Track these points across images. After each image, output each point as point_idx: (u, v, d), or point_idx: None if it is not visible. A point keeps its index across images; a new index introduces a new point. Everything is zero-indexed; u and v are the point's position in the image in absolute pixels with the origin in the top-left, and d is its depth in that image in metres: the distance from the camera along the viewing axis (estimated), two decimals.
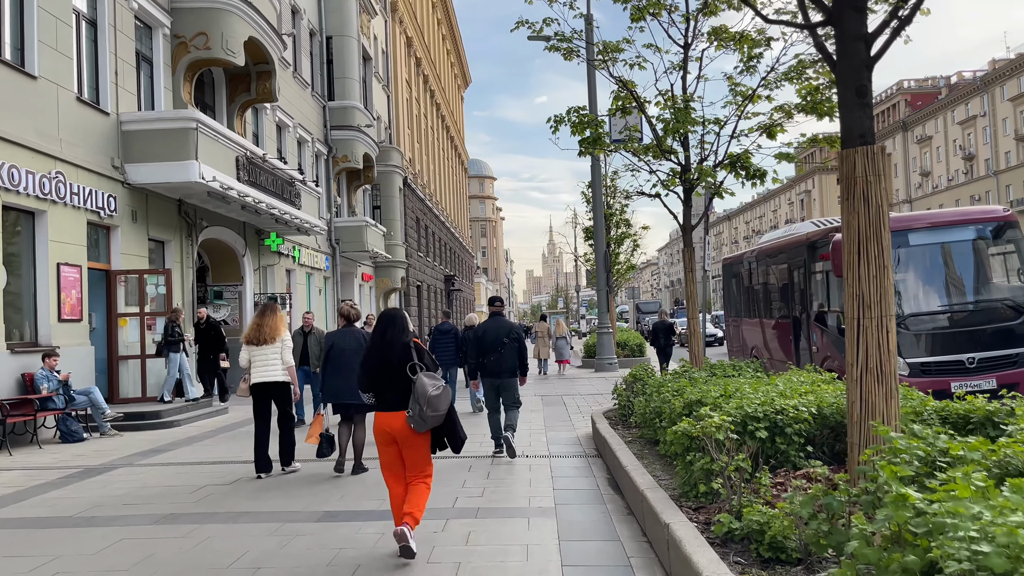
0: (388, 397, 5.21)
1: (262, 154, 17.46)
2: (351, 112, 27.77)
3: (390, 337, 5.34)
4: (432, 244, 47.04)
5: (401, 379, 5.15)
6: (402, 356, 5.22)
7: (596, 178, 22.10)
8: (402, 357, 5.21)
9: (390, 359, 5.24)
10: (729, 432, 4.76)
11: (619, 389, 9.70)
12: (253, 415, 8.14)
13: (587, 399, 14.63)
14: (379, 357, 5.30)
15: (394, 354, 5.25)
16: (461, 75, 72.01)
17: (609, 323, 22.65)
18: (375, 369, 5.29)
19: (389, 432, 5.17)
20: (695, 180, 9.40)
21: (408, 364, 5.15)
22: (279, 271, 21.76)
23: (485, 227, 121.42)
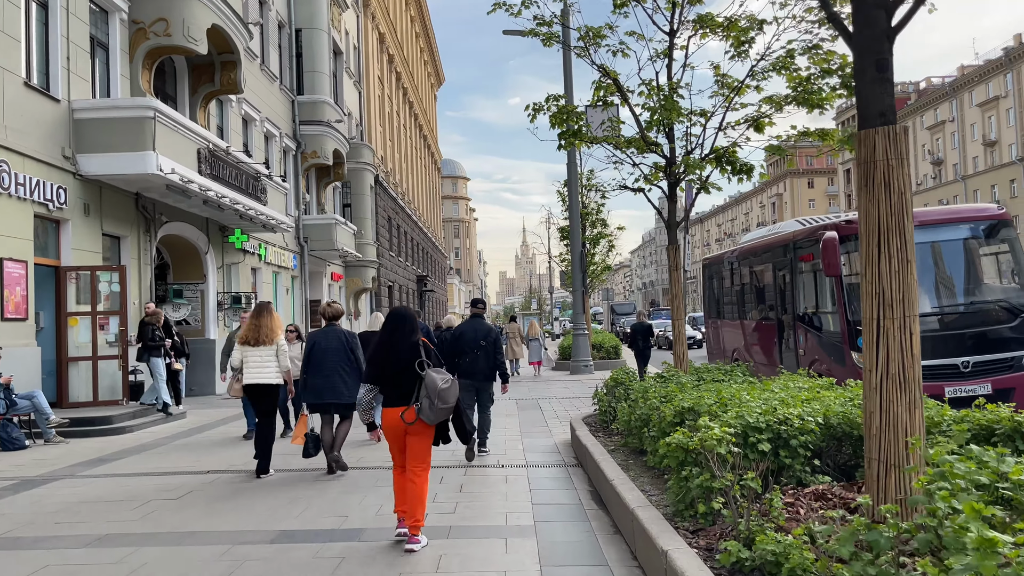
0: (395, 392, 5.40)
1: (225, 147, 16.73)
2: (321, 107, 27.04)
3: (400, 335, 5.52)
4: (404, 244, 46.31)
5: (409, 375, 5.35)
6: (411, 353, 5.40)
7: (572, 175, 21.62)
8: (411, 354, 5.39)
9: (399, 356, 5.42)
10: (731, 446, 4.25)
11: (599, 394, 9.20)
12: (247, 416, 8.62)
13: (564, 403, 14.12)
14: (388, 353, 5.47)
15: (403, 351, 5.43)
16: (434, 73, 71.29)
17: (585, 324, 22.18)
18: (383, 365, 5.46)
19: (399, 425, 5.34)
20: (681, 174, 8.92)
21: (416, 361, 5.35)
22: (244, 269, 20.99)
23: (458, 228, 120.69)
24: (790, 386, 6.19)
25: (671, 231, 9.05)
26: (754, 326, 12.69)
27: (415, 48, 57.69)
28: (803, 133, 8.87)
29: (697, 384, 7.30)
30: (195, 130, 15.25)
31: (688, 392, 6.48)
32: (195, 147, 15.24)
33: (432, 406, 5.22)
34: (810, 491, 4.41)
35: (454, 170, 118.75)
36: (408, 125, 52.36)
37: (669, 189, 9.03)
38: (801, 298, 10.45)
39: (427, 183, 63.45)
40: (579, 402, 14.04)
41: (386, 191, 39.56)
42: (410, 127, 53.32)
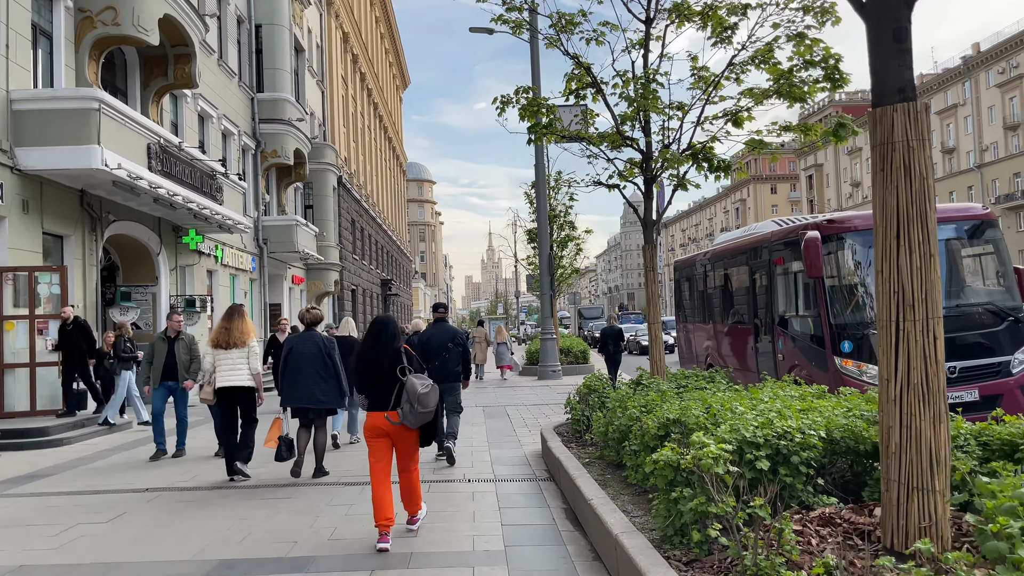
0: (380, 397, 5.57)
1: (178, 142, 15.93)
2: (281, 105, 26.24)
3: (382, 342, 5.70)
4: (368, 247, 45.47)
5: (392, 381, 5.55)
6: (393, 360, 5.60)
7: (540, 176, 21.12)
8: (393, 361, 5.59)
9: (382, 363, 5.61)
10: (730, 465, 3.75)
11: (572, 402, 8.68)
12: (214, 419, 8.33)
13: (532, 410, 13.59)
14: (371, 361, 5.65)
15: (385, 358, 5.62)
16: (400, 75, 70.49)
17: (553, 328, 21.68)
18: (368, 372, 5.64)
19: (382, 428, 5.53)
20: (658, 169, 8.45)
21: (398, 367, 5.55)
22: (199, 272, 20.15)
23: (424, 231, 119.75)
24: (780, 394, 5.72)
25: (647, 230, 8.57)
26: (729, 330, 12.29)
27: (380, 49, 56.89)
28: (785, 128, 8.46)
29: (679, 392, 6.81)
30: (145, 124, 14.46)
31: (671, 401, 5.99)
32: (145, 142, 14.45)
33: (413, 410, 5.42)
34: (816, 515, 3.92)
35: (420, 173, 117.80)
36: (373, 127, 51.54)
37: (645, 186, 8.56)
38: (780, 301, 10.06)
39: (392, 186, 62.61)
40: (548, 409, 13.52)
41: (349, 193, 38.76)
42: (375, 129, 52.50)
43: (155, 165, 14.69)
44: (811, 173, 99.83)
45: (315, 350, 7.92)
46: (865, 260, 8.71)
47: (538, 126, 9.51)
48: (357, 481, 7.69)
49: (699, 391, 6.49)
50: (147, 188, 14.16)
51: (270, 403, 10.57)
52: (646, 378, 9.17)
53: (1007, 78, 62.46)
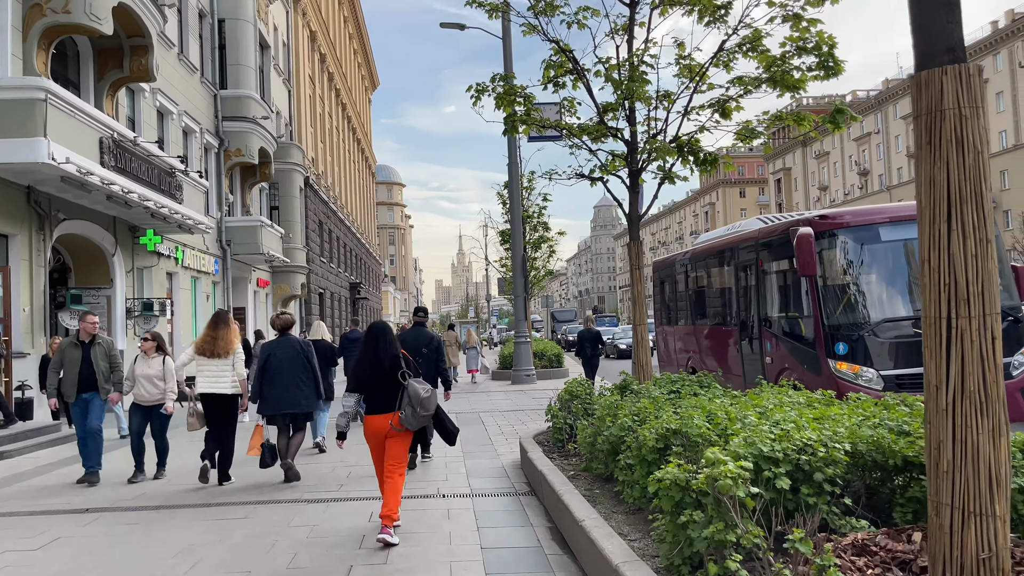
0: (379, 400, 5.78)
1: (133, 137, 15.12)
2: (246, 102, 25.42)
3: (382, 347, 5.88)
4: (337, 249, 44.58)
5: (391, 384, 5.75)
6: (393, 364, 5.78)
7: (513, 173, 20.59)
8: (393, 365, 5.78)
9: (382, 367, 5.79)
10: (750, 486, 3.23)
11: (553, 409, 8.14)
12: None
13: (508, 416, 13.03)
14: (372, 365, 5.81)
15: (386, 362, 5.80)
16: (369, 76, 69.60)
17: (526, 331, 21.15)
18: (368, 375, 5.81)
19: (381, 430, 5.75)
20: (646, 160, 7.95)
21: (399, 372, 5.73)
22: (158, 274, 19.29)
23: (393, 234, 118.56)
24: (785, 401, 5.23)
25: (632, 225, 8.06)
26: (712, 332, 11.84)
27: (348, 49, 56.04)
28: (776, 117, 8.02)
29: (671, 398, 6.29)
30: (96, 117, 13.66)
31: (665, 409, 5.47)
32: (97, 136, 13.65)
33: (415, 413, 5.61)
34: (849, 542, 3.40)
35: (389, 176, 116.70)
36: (341, 127, 50.68)
37: (630, 179, 8.06)
38: (768, 301, 9.61)
39: (361, 188, 61.71)
40: (525, 416, 12.97)
41: (317, 194, 37.90)
42: (343, 129, 51.63)
43: (108, 160, 13.90)
44: (779, 177, 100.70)
45: (293, 354, 7.93)
46: (859, 258, 8.30)
47: (514, 116, 8.96)
48: (322, 498, 7.07)
49: (694, 398, 5.97)
50: (99, 185, 13.36)
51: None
52: (631, 382, 8.68)
53: None
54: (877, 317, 8.07)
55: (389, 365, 5.78)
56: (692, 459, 4.09)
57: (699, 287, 12.54)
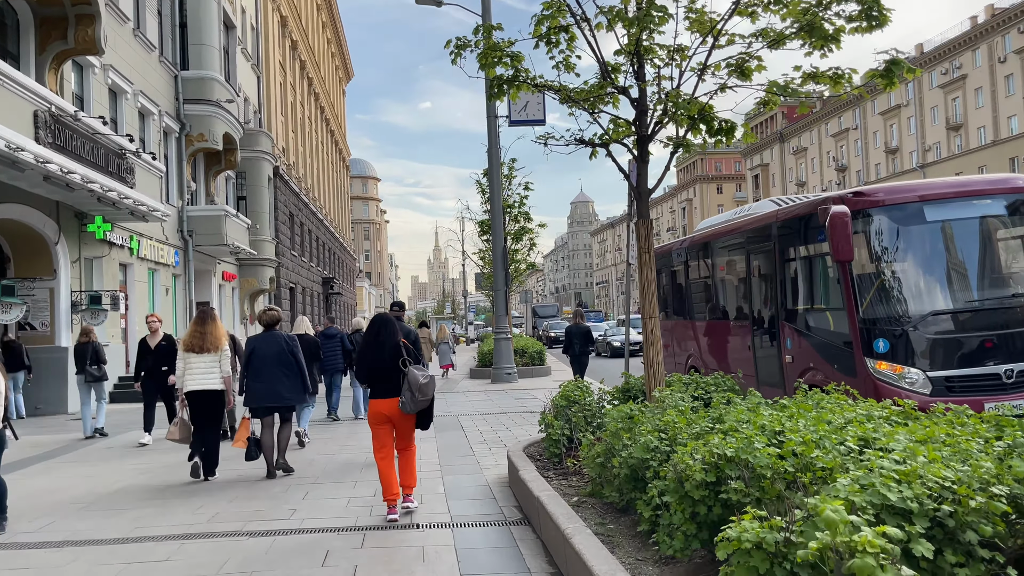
0: (382, 387, 6.14)
1: (73, 111, 13.68)
2: (209, 84, 23.94)
3: (383, 337, 6.26)
4: (309, 243, 43.07)
5: (393, 372, 6.11)
6: (394, 353, 6.15)
7: (494, 156, 19.34)
8: (394, 354, 6.14)
9: (383, 356, 6.16)
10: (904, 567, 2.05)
11: (548, 418, 6.95)
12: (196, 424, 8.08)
13: (490, 421, 11.83)
14: (374, 354, 6.20)
15: (387, 352, 6.16)
16: (343, 67, 67.91)
17: (507, 327, 19.95)
18: (371, 364, 6.19)
19: (385, 415, 6.12)
20: (655, 125, 6.76)
21: (399, 359, 6.10)
22: (110, 264, 17.84)
23: (369, 229, 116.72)
24: (858, 414, 4.06)
25: (641, 201, 6.87)
26: (717, 328, 10.71)
27: (322, 38, 54.41)
28: (810, 75, 6.86)
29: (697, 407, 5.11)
30: (30, 87, 12.25)
31: (698, 423, 4.29)
32: (30, 108, 12.25)
33: (414, 398, 5.96)
34: None
35: (364, 170, 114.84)
36: (314, 117, 49.08)
37: (638, 146, 6.86)
38: (789, 292, 8.48)
39: (335, 181, 60.10)
40: (509, 420, 11.77)
41: (288, 185, 36.40)
42: (316, 119, 50.03)
43: (44, 137, 12.49)
44: (757, 173, 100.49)
45: (278, 349, 8.07)
46: (903, 240, 7.18)
47: (500, 79, 7.71)
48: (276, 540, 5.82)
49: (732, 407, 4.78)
50: (32, 163, 11.95)
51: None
52: (635, 386, 7.51)
53: (950, 79, 63.12)
54: (924, 309, 6.95)
55: (390, 354, 6.15)
56: (772, 506, 2.92)
57: (701, 278, 11.39)
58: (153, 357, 10.54)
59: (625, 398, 7.43)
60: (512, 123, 19.87)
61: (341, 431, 11.53)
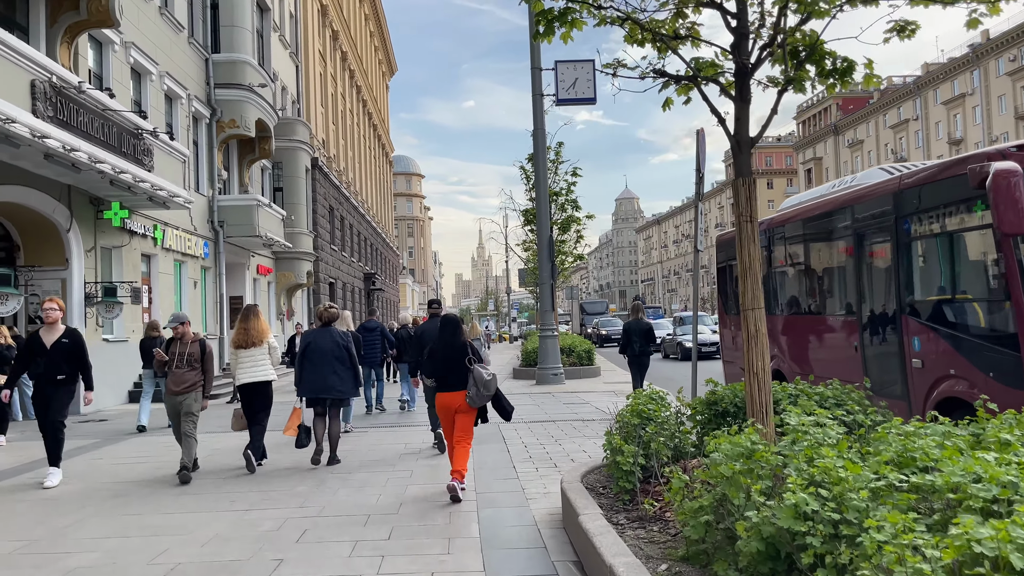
0: (450, 380, 6.81)
1: (77, 82, 12.47)
2: (241, 68, 22.79)
3: (452, 337, 7.02)
4: (350, 238, 41.98)
5: (460, 368, 6.78)
6: (461, 351, 6.87)
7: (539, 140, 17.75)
8: (461, 352, 6.86)
9: (452, 353, 6.86)
10: None
11: (615, 440, 5.34)
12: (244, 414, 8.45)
13: (536, 430, 10.26)
14: (444, 352, 6.93)
15: (455, 350, 6.88)
16: (386, 61, 66.90)
17: (553, 324, 18.34)
18: (442, 360, 6.90)
19: (450, 406, 6.81)
20: (763, 53, 5.09)
21: (466, 357, 6.80)
22: (130, 255, 16.70)
23: (412, 226, 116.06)
24: None
25: (742, 153, 5.18)
26: (808, 323, 8.94)
27: (364, 31, 53.38)
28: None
29: (854, 439, 3.46)
30: (24, 53, 11.04)
31: (882, 473, 2.65)
32: (27, 77, 11.05)
33: (479, 393, 6.66)
34: None
35: (408, 166, 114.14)
36: (356, 111, 48.02)
37: (737, 79, 5.19)
38: (916, 278, 6.73)
39: (377, 176, 59.09)
40: (557, 430, 10.19)
41: (327, 178, 35.28)
42: (358, 113, 48.97)
43: (43, 109, 11.29)
44: (810, 167, 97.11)
45: (332, 344, 8.51)
46: None
47: (548, 13, 6.07)
48: None
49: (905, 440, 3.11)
50: (27, 137, 10.72)
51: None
52: (726, 399, 5.85)
53: (1018, 66, 59.57)
54: None
55: (459, 351, 6.80)
56: None
57: (787, 264, 9.61)
58: (47, 359, 7.70)
59: (712, 414, 5.79)
60: (559, 102, 18.24)
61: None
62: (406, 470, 7.99)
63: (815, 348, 8.74)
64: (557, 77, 18.02)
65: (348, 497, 6.78)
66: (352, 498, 6.74)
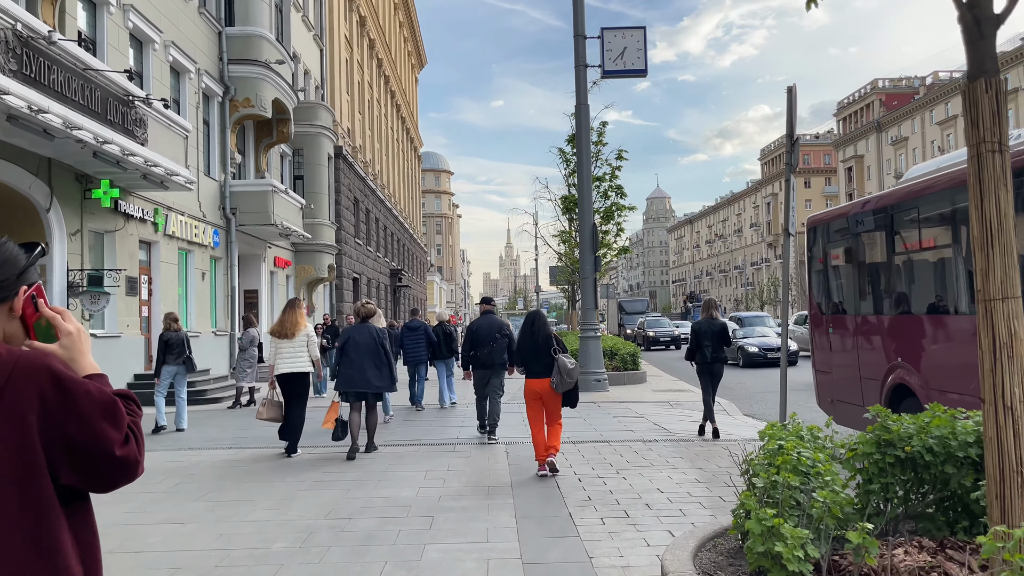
0: (536, 369, 7.57)
1: (47, 31, 10.66)
2: (256, 42, 21.04)
3: (537, 328, 7.77)
4: (375, 232, 40.24)
5: (545, 357, 7.49)
6: (545, 342, 7.56)
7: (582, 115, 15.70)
8: (545, 343, 7.55)
9: (537, 344, 7.61)
10: None
11: (749, 503, 3.33)
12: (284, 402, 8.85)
13: (588, 456, 8.24)
14: (530, 342, 7.68)
15: (540, 340, 7.60)
16: (416, 53, 65.15)
17: (595, 322, 16.33)
18: (528, 350, 7.67)
19: (537, 392, 7.52)
20: None
21: (551, 348, 7.47)
22: (125, 241, 14.95)
23: (441, 223, 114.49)
24: None
25: (981, 43, 3.17)
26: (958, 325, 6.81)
27: (393, 20, 51.66)
28: None
29: None
30: None
31: None
32: None
33: (562, 380, 7.32)
34: None
35: (437, 163, 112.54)
36: (384, 102, 46.29)
37: None
38: None
39: (406, 170, 57.37)
40: (615, 456, 8.16)
41: (352, 168, 33.54)
42: (386, 104, 47.24)
43: (6, 63, 9.50)
44: (850, 165, 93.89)
45: (369, 340, 8.84)
46: None
47: None
48: None
49: None
50: None
51: None
52: (901, 435, 3.81)
53: None
54: None
55: (543, 343, 7.57)
56: None
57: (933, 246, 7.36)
58: None
59: (887, 463, 3.74)
60: (606, 73, 16.22)
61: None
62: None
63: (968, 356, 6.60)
64: (603, 46, 16.00)
65: None
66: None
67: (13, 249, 1.67)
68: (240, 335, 16.02)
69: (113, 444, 1.52)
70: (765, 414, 12.73)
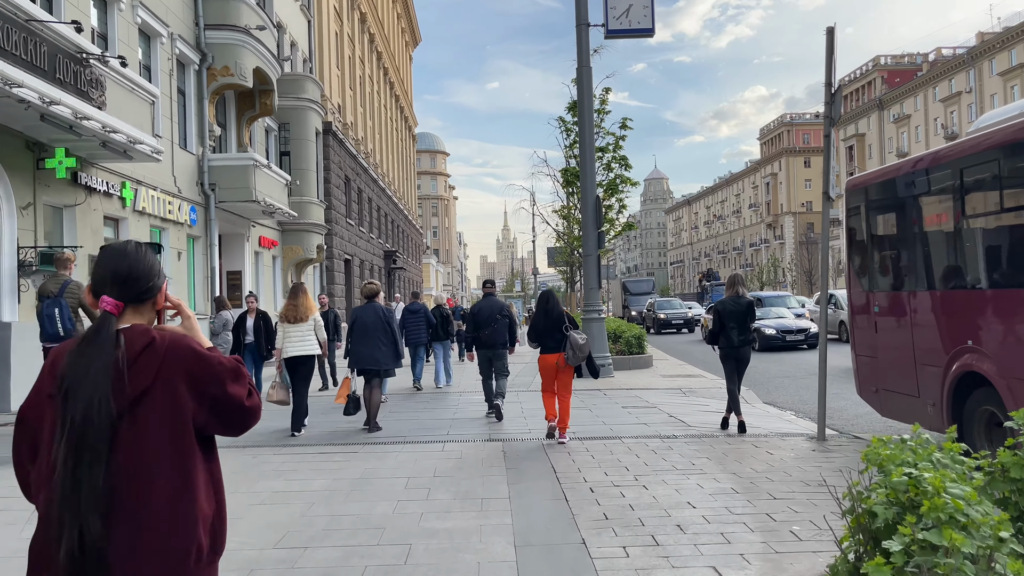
0: (550, 344, 8.21)
1: None
2: (234, 6, 19.65)
3: (550, 307, 8.43)
4: (368, 212, 38.92)
5: (558, 333, 8.15)
6: (558, 319, 8.22)
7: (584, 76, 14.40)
8: (558, 320, 8.21)
9: (551, 320, 8.23)
10: None
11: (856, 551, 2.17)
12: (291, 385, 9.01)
13: (599, 456, 7.08)
14: (544, 319, 8.31)
15: (552, 318, 8.26)
16: (409, 30, 63.49)
17: (599, 303, 15.15)
18: (542, 326, 8.29)
19: (552, 366, 8.16)
20: None
21: (563, 325, 8.14)
22: (87, 216, 13.69)
23: (436, 205, 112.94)
24: None
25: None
26: None
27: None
28: None
29: None
30: None
31: None
32: None
33: (575, 354, 7.95)
34: None
35: (432, 144, 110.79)
36: (376, 78, 44.80)
37: None
38: None
39: (400, 150, 55.93)
40: (628, 453, 7.00)
41: (343, 145, 32.19)
42: (378, 81, 45.74)
43: None
44: (851, 144, 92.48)
45: (376, 319, 9.14)
46: None
47: None
48: None
49: None
50: None
51: None
52: None
53: None
54: None
55: (556, 320, 8.20)
56: None
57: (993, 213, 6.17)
58: None
59: None
60: (610, 33, 14.93)
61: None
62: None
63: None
64: (607, 2, 14.71)
65: None
66: None
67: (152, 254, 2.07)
68: (212, 318, 14.81)
69: (242, 398, 2.02)
70: (786, 402, 11.61)
